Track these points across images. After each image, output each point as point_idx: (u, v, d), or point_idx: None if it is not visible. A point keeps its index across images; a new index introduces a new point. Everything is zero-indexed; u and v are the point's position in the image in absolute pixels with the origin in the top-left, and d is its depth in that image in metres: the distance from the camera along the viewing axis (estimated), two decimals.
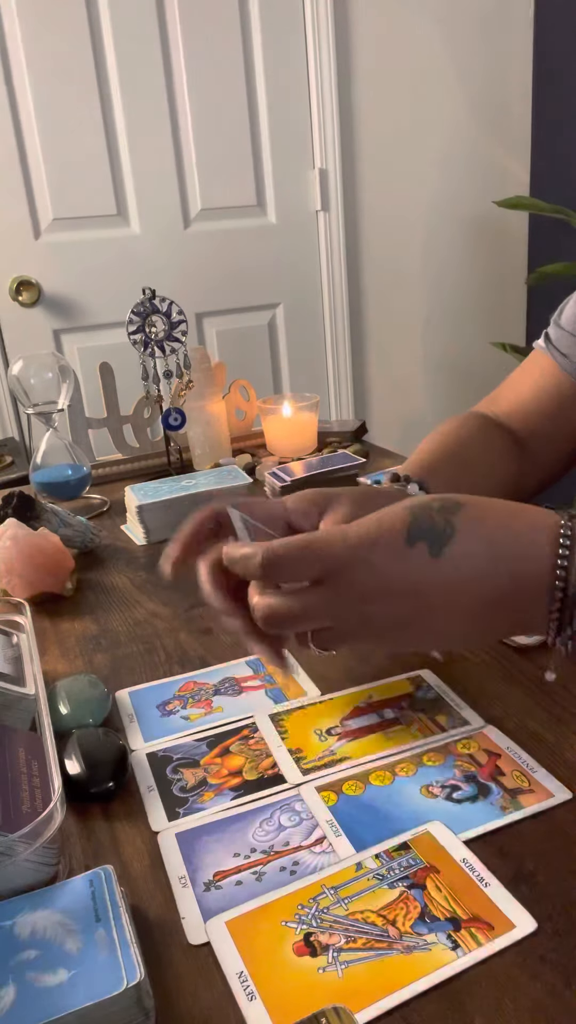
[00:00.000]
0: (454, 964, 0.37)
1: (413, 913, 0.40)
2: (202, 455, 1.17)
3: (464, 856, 0.43)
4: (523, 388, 0.79)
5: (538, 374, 0.78)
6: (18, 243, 1.88)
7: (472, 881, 0.42)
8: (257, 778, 0.52)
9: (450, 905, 0.41)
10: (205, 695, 0.62)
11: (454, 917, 0.40)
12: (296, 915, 0.41)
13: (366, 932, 0.40)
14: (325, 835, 0.46)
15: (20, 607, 0.66)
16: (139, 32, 1.84)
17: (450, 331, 2.41)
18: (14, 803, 0.44)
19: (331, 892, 0.42)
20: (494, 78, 2.21)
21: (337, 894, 0.42)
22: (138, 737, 0.57)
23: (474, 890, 0.41)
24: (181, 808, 0.50)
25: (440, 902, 0.41)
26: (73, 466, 1.06)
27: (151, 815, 0.50)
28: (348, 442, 1.24)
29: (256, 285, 2.14)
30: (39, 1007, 0.34)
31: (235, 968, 0.39)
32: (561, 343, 0.76)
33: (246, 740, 0.56)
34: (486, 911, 0.40)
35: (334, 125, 2.05)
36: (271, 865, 0.45)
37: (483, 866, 0.43)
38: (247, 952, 0.39)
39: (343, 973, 0.38)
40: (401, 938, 0.39)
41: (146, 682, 0.65)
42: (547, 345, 0.77)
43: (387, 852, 0.44)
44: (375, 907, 0.41)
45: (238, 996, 0.37)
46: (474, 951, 0.38)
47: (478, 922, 0.39)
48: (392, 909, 0.41)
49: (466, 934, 0.39)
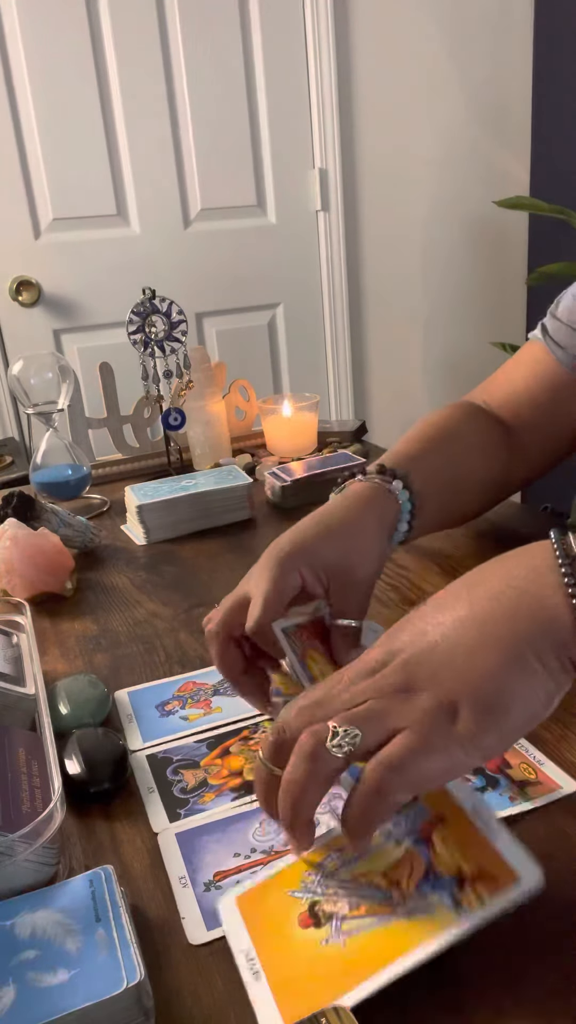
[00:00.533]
0: (452, 931, 0.36)
1: (418, 872, 0.39)
2: (202, 455, 1.17)
3: (473, 803, 0.41)
4: (516, 378, 0.79)
5: (532, 365, 0.78)
6: (18, 243, 1.88)
7: (476, 829, 0.40)
8: None
9: (455, 859, 0.39)
10: (204, 695, 0.62)
11: (459, 874, 0.38)
12: (302, 883, 0.41)
13: (369, 897, 0.39)
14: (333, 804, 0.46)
15: (20, 607, 0.66)
16: (139, 32, 1.84)
17: (450, 331, 2.41)
18: (14, 803, 0.44)
19: (336, 856, 0.41)
20: (494, 78, 2.21)
21: (342, 856, 0.41)
22: (137, 737, 0.57)
23: (478, 839, 0.39)
24: (182, 809, 0.50)
25: (445, 857, 0.39)
26: (73, 466, 1.06)
27: (152, 816, 0.50)
28: (348, 442, 1.24)
29: (256, 285, 2.14)
30: (39, 1007, 0.34)
31: (242, 945, 0.39)
32: (558, 334, 0.76)
33: (247, 741, 0.56)
34: (491, 862, 0.38)
35: (334, 125, 2.05)
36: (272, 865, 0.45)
37: (490, 812, 0.40)
38: (254, 928, 0.39)
39: (345, 944, 0.37)
40: (406, 901, 0.38)
41: (146, 682, 0.65)
42: (543, 336, 0.77)
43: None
44: (379, 867, 0.40)
45: (244, 975, 0.37)
46: (476, 911, 0.36)
47: (481, 878, 0.37)
48: (397, 870, 0.40)
49: (470, 892, 0.37)
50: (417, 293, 2.32)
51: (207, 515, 0.96)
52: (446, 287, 2.36)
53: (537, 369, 0.77)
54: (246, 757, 0.54)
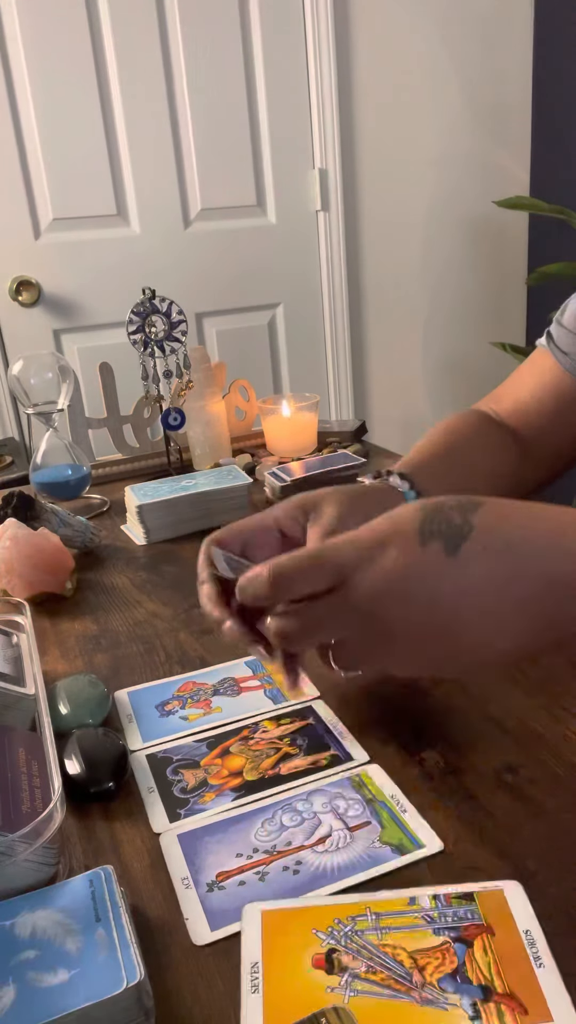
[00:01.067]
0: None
1: (447, 967, 0.37)
2: (202, 455, 1.17)
3: (528, 928, 0.39)
4: (523, 387, 0.79)
5: (539, 373, 0.78)
6: (18, 243, 1.88)
7: (526, 955, 0.37)
8: (258, 779, 0.52)
9: (489, 972, 0.37)
10: (204, 695, 0.62)
11: (489, 986, 0.36)
12: (330, 928, 0.40)
13: (389, 968, 0.37)
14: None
15: (20, 607, 0.66)
16: (139, 32, 1.84)
17: (450, 331, 2.41)
18: (14, 803, 0.43)
19: (373, 917, 0.40)
20: (494, 78, 2.21)
21: (378, 921, 0.40)
22: (137, 737, 0.57)
23: (524, 965, 0.37)
24: (182, 809, 0.50)
25: (481, 967, 0.37)
26: (73, 466, 1.06)
27: (152, 817, 0.49)
28: (348, 442, 1.24)
29: (256, 285, 2.14)
30: (39, 1007, 0.34)
31: (252, 957, 0.39)
32: (563, 341, 0.76)
33: (246, 740, 0.56)
34: (527, 991, 0.36)
35: (334, 125, 2.05)
36: (274, 865, 0.45)
37: (546, 945, 0.38)
38: (269, 946, 0.39)
39: (348, 1000, 0.36)
40: (423, 988, 0.36)
41: (146, 682, 0.65)
42: (548, 343, 0.77)
43: (447, 896, 0.41)
44: (410, 947, 0.38)
45: (243, 984, 0.37)
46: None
47: (512, 1000, 0.35)
48: (427, 956, 0.38)
49: (493, 1008, 0.35)
50: (417, 293, 2.32)
51: (207, 515, 0.96)
52: (446, 287, 2.36)
53: (544, 377, 0.78)
54: (246, 757, 0.54)
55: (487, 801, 0.48)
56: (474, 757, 0.52)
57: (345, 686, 0.61)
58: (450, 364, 2.43)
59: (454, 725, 0.56)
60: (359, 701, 0.59)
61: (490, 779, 0.50)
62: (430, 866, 0.44)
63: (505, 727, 0.54)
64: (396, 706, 0.58)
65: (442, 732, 0.55)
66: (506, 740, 0.53)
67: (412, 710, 0.57)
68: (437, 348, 2.40)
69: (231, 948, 0.40)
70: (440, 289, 2.35)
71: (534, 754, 0.52)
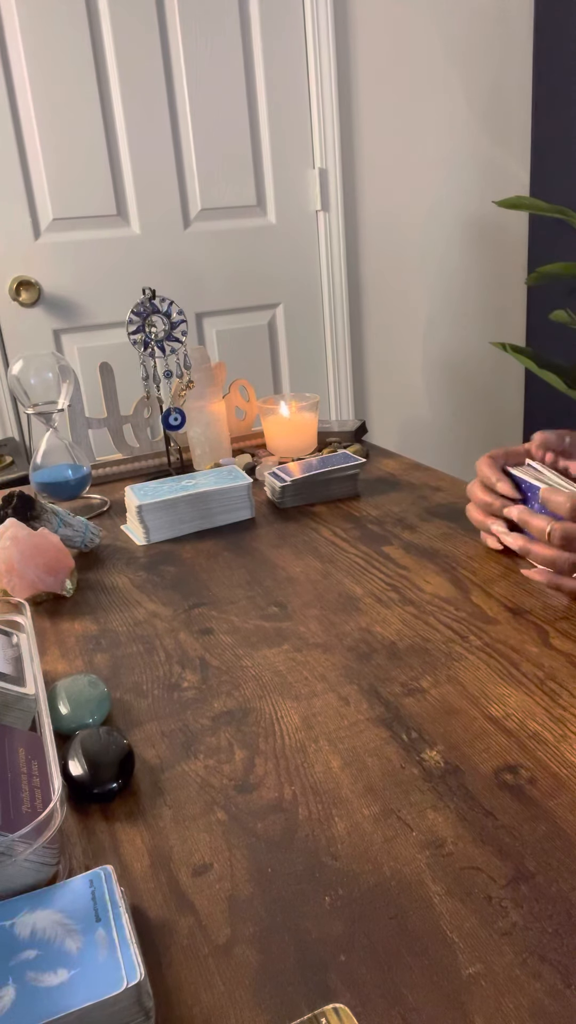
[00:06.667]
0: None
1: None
2: (202, 455, 1.17)
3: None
4: None
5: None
6: (18, 243, 1.88)
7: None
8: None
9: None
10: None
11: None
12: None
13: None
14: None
15: (20, 607, 0.66)
16: (139, 32, 1.85)
17: (450, 331, 2.41)
18: (14, 803, 0.43)
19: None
20: (494, 78, 2.22)
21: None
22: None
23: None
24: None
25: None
26: (73, 466, 1.06)
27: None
28: (348, 442, 1.24)
29: (256, 285, 2.14)
30: (39, 1007, 0.34)
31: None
32: None
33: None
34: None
35: (334, 125, 2.05)
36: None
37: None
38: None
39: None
40: None
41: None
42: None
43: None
44: None
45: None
46: None
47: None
48: None
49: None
50: (417, 293, 2.33)
51: (207, 515, 0.96)
52: (446, 287, 2.36)
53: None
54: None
55: (487, 801, 0.48)
56: (474, 757, 0.52)
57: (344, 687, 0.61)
58: (450, 364, 2.43)
59: (454, 725, 0.56)
60: (359, 701, 0.59)
61: (490, 779, 0.50)
62: (430, 866, 0.44)
63: (505, 727, 0.55)
64: (396, 706, 0.58)
65: (442, 732, 0.55)
66: (506, 740, 0.53)
67: (412, 710, 0.57)
68: (437, 348, 2.40)
69: (233, 948, 0.40)
70: (440, 289, 2.35)
71: (534, 754, 0.52)
